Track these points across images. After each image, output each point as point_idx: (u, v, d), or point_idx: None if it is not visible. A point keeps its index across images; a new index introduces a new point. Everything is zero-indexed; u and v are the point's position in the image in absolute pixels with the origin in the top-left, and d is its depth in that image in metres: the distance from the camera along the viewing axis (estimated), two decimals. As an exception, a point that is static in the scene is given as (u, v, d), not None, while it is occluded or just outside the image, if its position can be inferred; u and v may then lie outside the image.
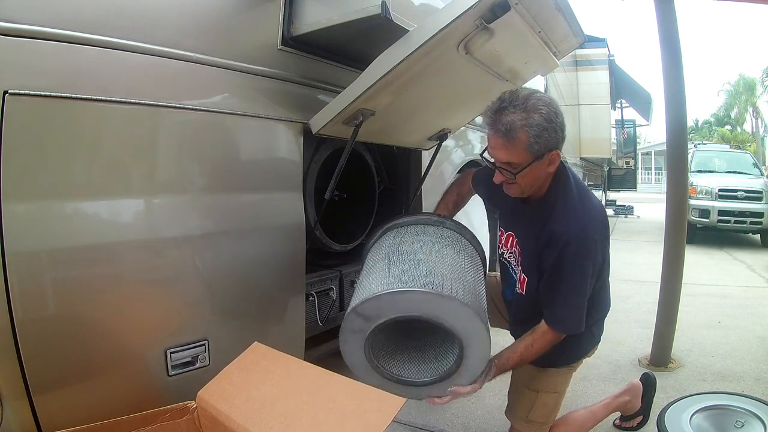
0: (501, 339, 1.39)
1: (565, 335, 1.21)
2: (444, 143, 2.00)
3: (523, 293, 1.29)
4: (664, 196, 2.41)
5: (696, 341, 2.59)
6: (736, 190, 6.26)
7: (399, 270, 1.15)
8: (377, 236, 1.38)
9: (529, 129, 1.08)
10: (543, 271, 1.21)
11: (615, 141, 9.09)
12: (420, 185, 2.01)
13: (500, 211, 1.43)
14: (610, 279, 1.36)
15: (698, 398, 1.69)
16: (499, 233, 1.40)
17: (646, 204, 12.28)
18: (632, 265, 4.87)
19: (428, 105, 1.65)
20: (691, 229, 5.41)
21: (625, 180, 10.60)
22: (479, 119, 2.91)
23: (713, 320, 2.99)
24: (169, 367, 1.18)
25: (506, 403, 1.46)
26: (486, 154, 1.21)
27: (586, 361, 1.41)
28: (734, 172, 7.24)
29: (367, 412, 0.85)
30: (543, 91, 4.09)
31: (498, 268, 1.49)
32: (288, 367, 1.05)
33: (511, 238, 1.35)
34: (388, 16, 1.27)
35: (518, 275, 1.32)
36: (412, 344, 1.30)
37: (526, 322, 1.29)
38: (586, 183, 7.69)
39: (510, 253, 1.37)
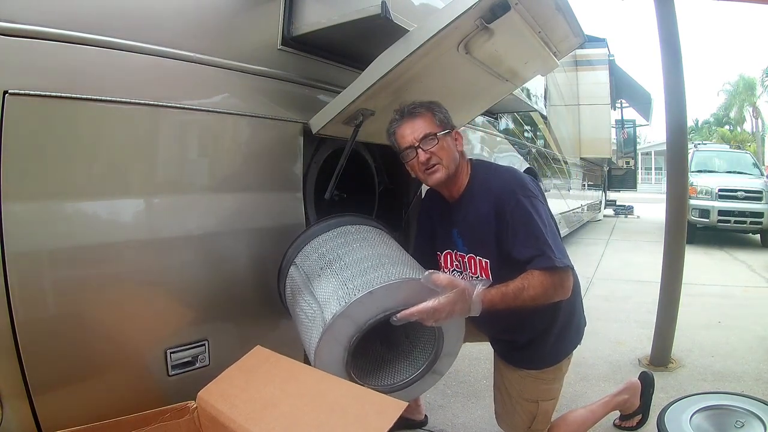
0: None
1: (556, 298, 1.17)
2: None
3: (490, 279, 1.23)
4: (664, 196, 2.41)
5: (696, 341, 2.59)
6: (736, 190, 6.24)
7: (350, 274, 1.11)
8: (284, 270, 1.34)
9: (429, 105, 1.26)
10: (502, 234, 1.19)
11: (615, 141, 9.07)
12: (420, 185, 2.01)
13: (436, 238, 1.39)
14: (610, 279, 1.36)
15: (698, 398, 1.68)
16: (438, 258, 1.37)
17: (646, 204, 12.27)
18: (632, 265, 4.86)
19: (428, 105, 1.65)
20: (691, 229, 5.40)
21: (625, 180, 10.59)
22: (479, 119, 2.93)
23: (713, 320, 2.98)
24: (169, 367, 1.18)
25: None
26: (403, 158, 1.26)
27: (586, 361, 1.40)
28: (734, 172, 7.22)
29: (369, 416, 0.85)
30: (542, 91, 4.12)
31: None
32: (290, 371, 1.05)
33: (449, 255, 1.34)
34: (388, 16, 1.27)
35: (476, 270, 1.28)
36: (381, 358, 1.29)
37: (503, 316, 1.26)
38: (586, 183, 7.71)
39: (454, 271, 1.34)
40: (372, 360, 1.26)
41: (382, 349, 1.30)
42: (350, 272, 1.12)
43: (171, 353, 1.18)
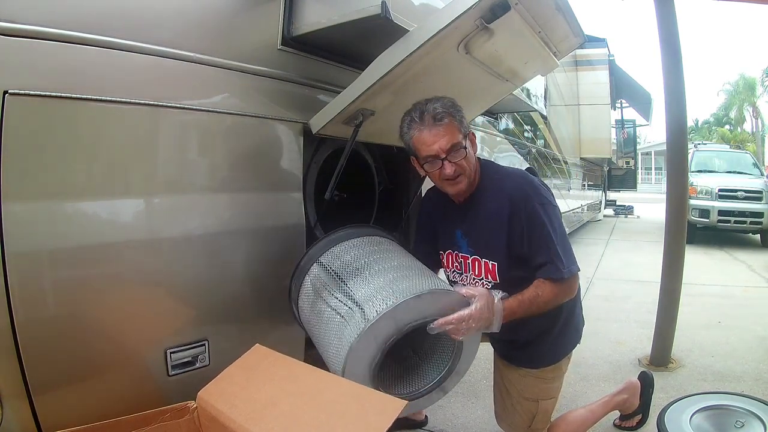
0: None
1: (564, 299, 1.21)
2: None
3: (498, 281, 1.25)
4: (664, 196, 2.41)
5: (696, 341, 2.59)
6: (736, 190, 6.25)
7: (394, 277, 1.12)
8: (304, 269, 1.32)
9: (451, 108, 1.18)
10: (514, 237, 1.20)
11: (615, 141, 9.07)
12: (420, 185, 2.01)
13: (437, 239, 1.40)
14: (610, 279, 1.37)
15: (698, 398, 1.69)
16: (441, 258, 1.38)
17: (646, 204, 12.28)
18: (632, 265, 4.87)
19: (428, 105, 1.65)
20: (691, 229, 5.40)
21: (625, 180, 10.59)
22: (479, 119, 2.93)
23: (713, 320, 2.98)
24: (169, 367, 1.18)
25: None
26: (425, 166, 1.20)
27: (586, 361, 1.41)
28: (734, 172, 7.23)
29: (369, 415, 0.85)
30: (542, 91, 4.12)
31: None
32: (289, 369, 1.05)
33: (450, 256, 1.34)
34: (388, 16, 1.27)
35: (479, 272, 1.28)
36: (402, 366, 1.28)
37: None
38: (585, 183, 7.71)
39: (453, 272, 1.35)
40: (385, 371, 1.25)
41: (391, 363, 1.29)
42: (393, 275, 1.12)
43: (171, 353, 1.18)
